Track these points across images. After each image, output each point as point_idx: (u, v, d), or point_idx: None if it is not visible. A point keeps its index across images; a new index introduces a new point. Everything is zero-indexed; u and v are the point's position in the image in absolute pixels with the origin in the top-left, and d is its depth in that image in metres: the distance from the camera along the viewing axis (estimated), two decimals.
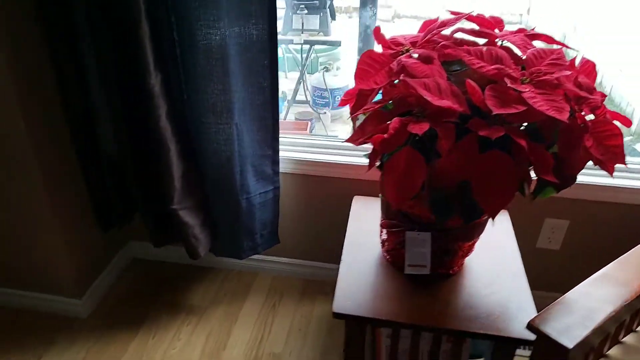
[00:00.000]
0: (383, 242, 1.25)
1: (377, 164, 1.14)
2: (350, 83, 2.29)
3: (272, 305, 1.71)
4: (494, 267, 1.22)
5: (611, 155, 0.94)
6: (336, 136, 1.68)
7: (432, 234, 1.09)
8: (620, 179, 1.44)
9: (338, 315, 1.09)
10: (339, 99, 2.41)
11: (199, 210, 1.53)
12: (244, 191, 1.50)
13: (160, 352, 1.54)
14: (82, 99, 1.42)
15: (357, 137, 0.98)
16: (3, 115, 1.30)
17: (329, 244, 1.73)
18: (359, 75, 0.98)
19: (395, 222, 1.14)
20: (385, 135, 0.86)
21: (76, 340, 1.58)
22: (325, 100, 2.98)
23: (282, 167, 1.56)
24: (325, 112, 2.88)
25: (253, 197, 1.52)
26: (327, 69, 3.00)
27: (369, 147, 0.97)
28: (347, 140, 1.00)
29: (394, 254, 1.20)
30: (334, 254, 1.73)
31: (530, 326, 0.91)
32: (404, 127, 0.87)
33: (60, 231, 1.50)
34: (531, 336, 0.99)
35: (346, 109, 2.21)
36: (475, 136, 0.87)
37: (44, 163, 1.39)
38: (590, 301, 0.95)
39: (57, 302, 1.65)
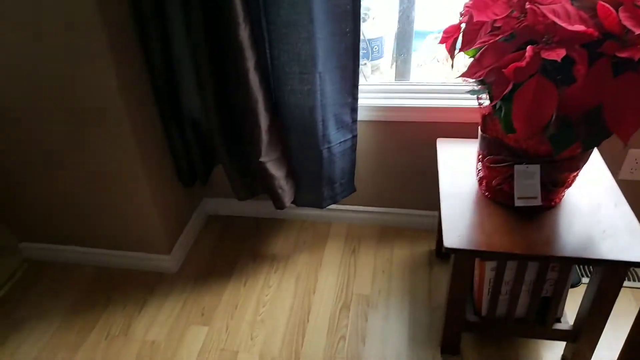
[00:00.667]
0: (480, 180, 1.26)
1: (483, 101, 1.14)
2: (386, 34, 2.25)
3: (352, 251, 1.76)
4: (594, 197, 1.23)
5: None
6: (409, 80, 1.65)
7: (541, 165, 1.10)
8: None
9: (449, 250, 1.11)
10: (377, 48, 2.38)
11: (283, 162, 1.55)
12: (325, 141, 1.51)
13: (254, 298, 1.60)
14: (164, 54, 1.41)
15: (474, 71, 0.97)
16: (99, 72, 1.30)
17: (406, 190, 1.75)
18: (477, 7, 0.96)
19: (501, 157, 1.14)
20: (522, 63, 0.86)
21: (172, 292, 1.65)
22: (364, 51, 2.93)
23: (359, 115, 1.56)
24: (365, 63, 2.83)
25: (334, 146, 1.53)
26: (364, 20, 2.93)
27: (466, 85, 0.96)
28: (463, 75, 1.00)
29: (494, 190, 1.22)
30: (411, 199, 1.77)
31: None
32: (538, 54, 0.86)
33: (150, 191, 1.54)
34: None
35: (383, 60, 2.19)
36: (609, 59, 0.86)
37: (133, 118, 1.40)
38: None
39: (149, 260, 1.71)
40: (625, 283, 1.51)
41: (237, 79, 1.33)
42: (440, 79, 1.73)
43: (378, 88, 1.62)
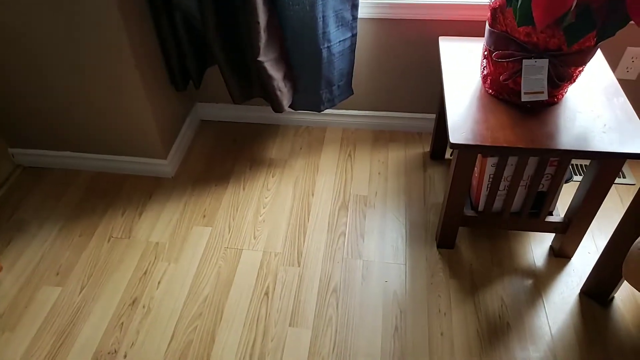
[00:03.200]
0: (485, 77, 1.24)
1: None
2: None
3: (347, 155, 1.76)
4: (595, 93, 1.23)
5: None
6: None
7: (550, 60, 1.08)
8: None
9: (455, 146, 1.12)
10: None
11: (281, 62, 1.49)
12: (325, 39, 1.44)
13: (255, 201, 1.62)
14: None
15: None
16: None
17: (402, 92, 1.72)
18: None
19: (509, 52, 1.11)
20: None
21: (171, 196, 1.65)
22: None
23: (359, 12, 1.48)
24: None
25: (333, 45, 1.47)
26: None
27: None
28: None
29: (499, 86, 1.20)
30: (407, 102, 1.75)
31: None
32: None
33: (144, 92, 1.47)
34: None
35: None
36: None
37: (127, 19, 1.31)
38: None
39: (146, 164, 1.68)
40: (619, 180, 1.58)
41: None
42: None
43: None
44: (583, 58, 1.09)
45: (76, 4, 1.27)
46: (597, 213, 1.27)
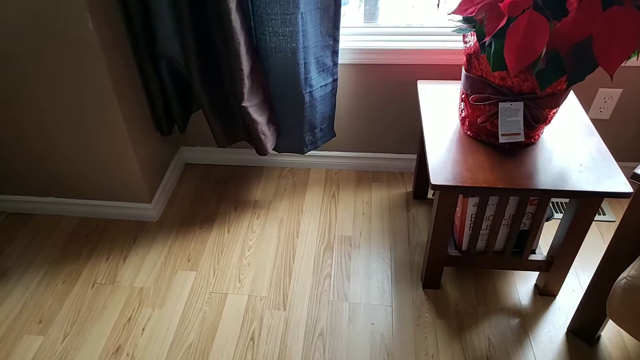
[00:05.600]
0: (463, 119, 1.24)
1: (468, 41, 1.09)
2: None
3: (331, 195, 1.73)
4: (570, 134, 1.23)
5: None
6: (380, 23, 1.58)
7: (524, 103, 1.08)
8: None
9: (436, 187, 1.10)
10: None
11: (265, 107, 1.48)
12: (307, 85, 1.44)
13: (239, 243, 1.57)
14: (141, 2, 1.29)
15: (465, 7, 0.92)
16: (75, 17, 1.18)
17: (383, 134, 1.72)
18: None
19: (485, 95, 1.12)
20: None
21: (156, 239, 1.59)
22: None
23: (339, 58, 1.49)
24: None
25: (315, 90, 1.47)
26: None
27: (453, 24, 0.92)
28: (454, 12, 0.94)
29: (477, 128, 1.20)
30: (388, 143, 1.74)
31: (635, 175, 0.94)
32: None
33: (129, 137, 1.44)
34: (625, 188, 1.03)
35: (348, 6, 2.07)
36: None
37: (111, 66, 1.30)
38: None
39: (131, 209, 1.64)
40: (599, 217, 1.57)
41: (219, 20, 1.23)
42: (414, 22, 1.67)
43: (357, 31, 1.54)
44: (556, 100, 1.10)
45: (60, 49, 1.26)
46: (579, 251, 1.24)
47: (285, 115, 1.53)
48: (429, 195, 1.69)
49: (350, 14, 1.60)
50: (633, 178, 0.94)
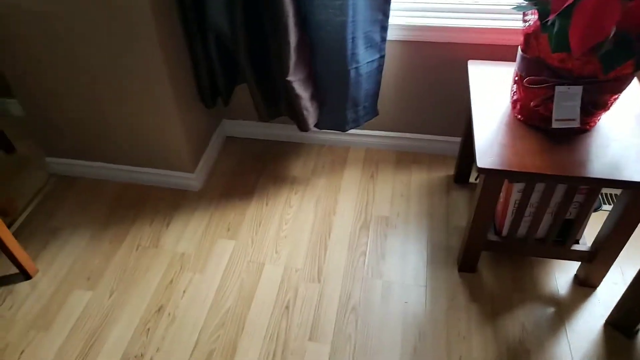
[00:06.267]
0: (515, 102, 1.19)
1: (528, 20, 1.04)
2: None
3: (370, 175, 1.72)
4: (629, 122, 1.17)
5: None
6: None
7: (584, 87, 1.03)
8: None
9: (482, 171, 1.07)
10: None
11: (309, 82, 1.47)
12: (353, 60, 1.41)
13: (277, 217, 1.58)
14: None
15: None
16: None
17: (427, 115, 1.68)
18: None
19: (541, 78, 1.07)
20: None
21: (197, 208, 1.63)
22: None
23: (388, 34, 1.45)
24: None
25: (361, 66, 1.44)
26: None
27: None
28: None
29: (529, 112, 1.15)
30: (431, 125, 1.70)
31: None
32: None
33: (176, 109, 1.46)
34: None
35: None
36: None
37: (162, 36, 1.31)
38: None
39: (174, 178, 1.67)
40: None
41: None
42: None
43: (408, 6, 1.49)
44: (619, 86, 1.04)
45: (117, 20, 1.28)
46: (626, 244, 1.19)
47: (329, 92, 1.51)
48: (471, 180, 1.65)
49: None
50: None
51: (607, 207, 1.49)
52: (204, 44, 1.45)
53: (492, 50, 1.43)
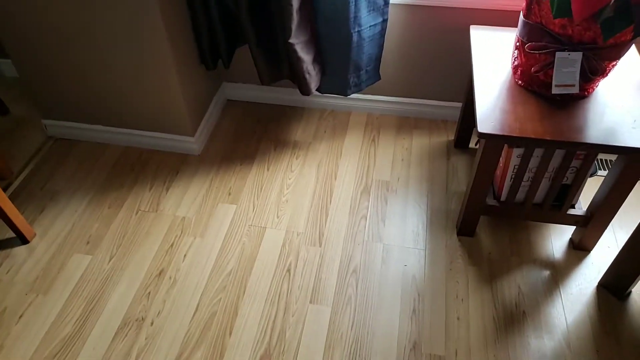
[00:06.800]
0: (516, 67, 1.25)
1: None
2: None
3: (371, 140, 1.78)
4: (626, 88, 1.23)
5: None
6: None
7: (584, 53, 1.08)
8: None
9: (483, 136, 1.13)
10: None
11: (311, 45, 1.51)
12: (356, 23, 1.45)
13: (278, 181, 1.65)
14: None
15: None
16: None
17: (428, 80, 1.73)
18: None
19: (542, 43, 1.12)
20: None
21: (197, 172, 1.69)
22: None
23: None
24: None
25: (364, 30, 1.48)
26: None
27: None
28: None
29: (529, 78, 1.21)
30: (432, 90, 1.76)
31: None
32: None
33: (176, 72, 1.50)
34: None
35: None
36: None
37: (162, 3, 1.34)
38: None
39: (174, 141, 1.73)
40: None
41: None
42: None
43: None
44: (618, 52, 1.09)
45: None
46: (620, 208, 1.27)
47: (331, 55, 1.55)
48: (471, 145, 1.72)
49: None
50: None
51: (602, 173, 1.57)
52: (204, 4, 1.48)
53: (495, 15, 1.47)
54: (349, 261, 1.43)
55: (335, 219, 1.53)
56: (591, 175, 1.33)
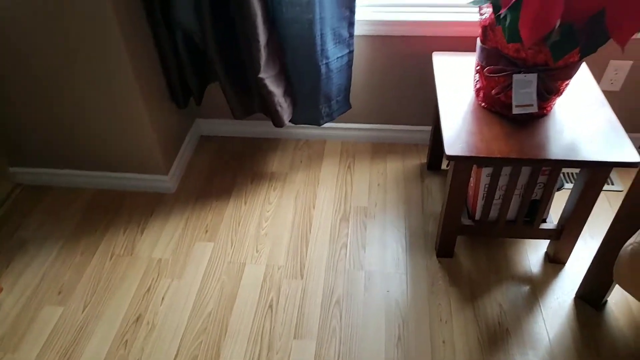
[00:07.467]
0: (478, 90, 1.33)
1: (484, 12, 1.18)
2: None
3: (347, 167, 1.85)
4: (582, 105, 1.32)
5: None
6: None
7: (538, 74, 1.18)
8: None
9: (451, 158, 1.20)
10: None
11: (281, 78, 1.58)
12: (323, 56, 1.53)
13: (256, 215, 1.69)
14: None
15: None
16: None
17: (399, 105, 1.82)
18: None
19: (500, 67, 1.21)
20: None
21: (173, 211, 1.72)
22: None
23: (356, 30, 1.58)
24: None
25: (331, 61, 1.56)
26: None
27: None
28: None
29: (491, 100, 1.30)
30: (403, 115, 1.84)
31: None
32: None
33: (146, 109, 1.55)
34: (634, 158, 1.14)
35: None
36: None
37: (127, 35, 1.39)
38: None
39: (147, 181, 1.76)
40: (608, 187, 1.68)
41: None
42: None
43: (375, 2, 1.62)
44: (569, 72, 1.19)
45: (76, 18, 1.34)
46: (588, 219, 1.35)
47: (301, 87, 1.62)
48: (443, 167, 1.80)
49: None
50: None
51: (569, 186, 1.66)
52: (172, 43, 1.54)
53: (456, 41, 1.58)
54: (332, 292, 1.46)
55: (315, 249, 1.57)
56: (559, 189, 1.41)
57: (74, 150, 1.70)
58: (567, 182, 1.67)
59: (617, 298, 1.39)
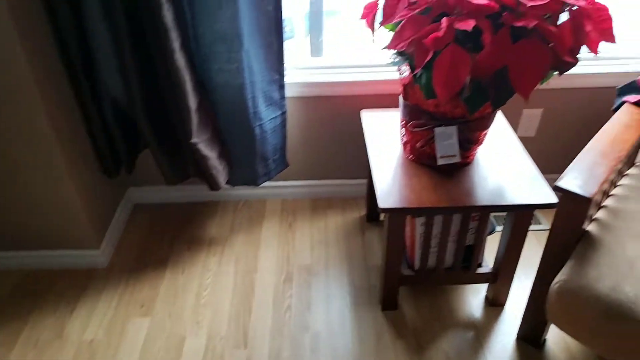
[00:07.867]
0: (405, 144, 1.40)
1: (403, 72, 1.26)
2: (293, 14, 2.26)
3: (288, 225, 1.85)
4: (501, 152, 1.42)
5: (605, 36, 1.13)
6: (326, 57, 1.75)
7: (457, 126, 1.26)
8: (586, 66, 1.68)
9: (384, 210, 1.24)
10: (289, 28, 2.43)
11: (215, 141, 1.59)
12: (256, 118, 1.56)
13: (195, 285, 1.63)
14: (79, 41, 1.38)
15: (396, 43, 1.09)
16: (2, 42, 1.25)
17: (334, 161, 1.87)
18: None
19: (422, 121, 1.29)
20: (439, 33, 0.98)
21: (106, 287, 1.63)
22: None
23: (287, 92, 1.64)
24: None
25: (265, 123, 1.60)
26: None
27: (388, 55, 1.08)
28: (388, 47, 1.11)
29: (417, 152, 1.36)
30: (339, 170, 1.89)
31: (556, 187, 1.12)
32: (452, 25, 0.99)
33: (72, 183, 1.50)
34: (551, 199, 1.22)
35: (293, 40, 2.22)
36: (507, 28, 1.02)
37: (47, 103, 1.36)
38: (589, 165, 1.17)
39: (77, 257, 1.67)
40: (531, 227, 1.77)
41: (163, 60, 1.34)
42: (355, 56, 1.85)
43: (303, 65, 1.70)
44: (485, 123, 1.29)
45: None
46: (521, 260, 1.42)
47: (236, 149, 1.64)
48: (382, 218, 1.84)
49: (298, 48, 1.76)
50: (555, 189, 1.13)
51: (500, 229, 1.74)
52: (99, 111, 1.52)
53: (382, 98, 1.67)
54: (278, 358, 1.41)
55: (259, 314, 1.53)
56: (490, 233, 1.48)
57: None
58: (498, 226, 1.75)
59: (556, 336, 1.44)
